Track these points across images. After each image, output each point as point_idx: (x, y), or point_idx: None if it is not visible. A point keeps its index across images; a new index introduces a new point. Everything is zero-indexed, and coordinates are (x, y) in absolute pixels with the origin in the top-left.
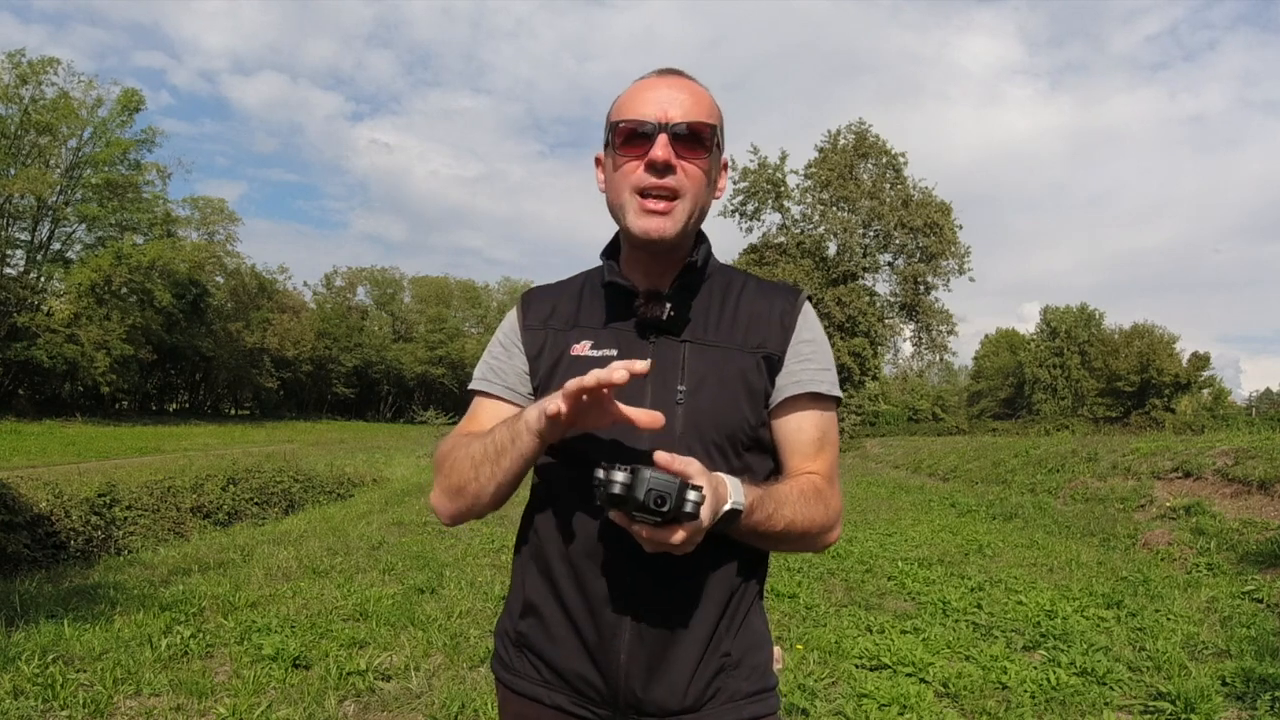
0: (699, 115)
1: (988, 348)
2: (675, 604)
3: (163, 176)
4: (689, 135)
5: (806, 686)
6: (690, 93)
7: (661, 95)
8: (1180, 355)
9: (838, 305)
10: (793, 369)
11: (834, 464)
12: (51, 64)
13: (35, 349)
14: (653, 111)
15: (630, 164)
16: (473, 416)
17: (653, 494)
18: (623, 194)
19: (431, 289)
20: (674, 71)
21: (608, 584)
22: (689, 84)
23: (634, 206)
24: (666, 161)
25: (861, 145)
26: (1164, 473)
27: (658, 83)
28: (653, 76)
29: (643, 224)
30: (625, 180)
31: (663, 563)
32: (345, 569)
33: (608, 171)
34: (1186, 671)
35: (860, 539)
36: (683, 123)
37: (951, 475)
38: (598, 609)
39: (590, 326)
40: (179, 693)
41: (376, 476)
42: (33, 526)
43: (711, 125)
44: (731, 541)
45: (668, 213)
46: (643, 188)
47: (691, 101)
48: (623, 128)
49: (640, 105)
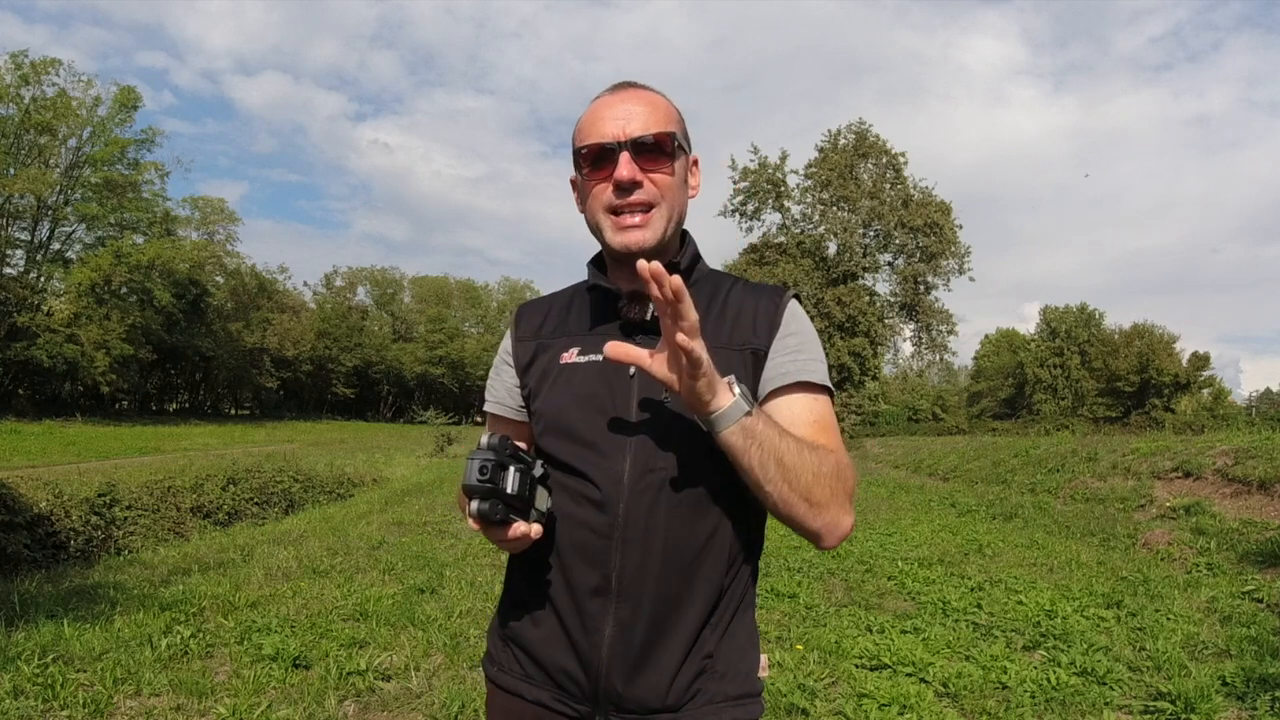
0: (657, 125)
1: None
2: (661, 602)
3: (162, 176)
4: (651, 146)
5: (806, 686)
6: (646, 103)
7: (618, 112)
8: (1180, 355)
9: (838, 305)
10: (780, 361)
11: (842, 448)
12: (53, 65)
13: (35, 349)
14: (611, 130)
15: (599, 185)
16: None
17: (475, 464)
18: (597, 214)
19: (431, 289)
20: (628, 85)
21: (594, 578)
22: (644, 94)
23: (609, 225)
24: (632, 179)
25: (862, 145)
26: (1164, 473)
27: (612, 100)
28: (607, 95)
29: (621, 239)
30: (597, 202)
31: (651, 560)
32: (345, 569)
33: (581, 194)
34: (1186, 671)
35: (860, 539)
36: (643, 136)
37: (951, 475)
38: (583, 603)
39: (577, 333)
40: (179, 693)
41: (376, 476)
42: (33, 526)
43: (670, 133)
44: (721, 538)
45: (644, 224)
46: (614, 206)
47: (648, 112)
48: (586, 152)
49: (599, 125)
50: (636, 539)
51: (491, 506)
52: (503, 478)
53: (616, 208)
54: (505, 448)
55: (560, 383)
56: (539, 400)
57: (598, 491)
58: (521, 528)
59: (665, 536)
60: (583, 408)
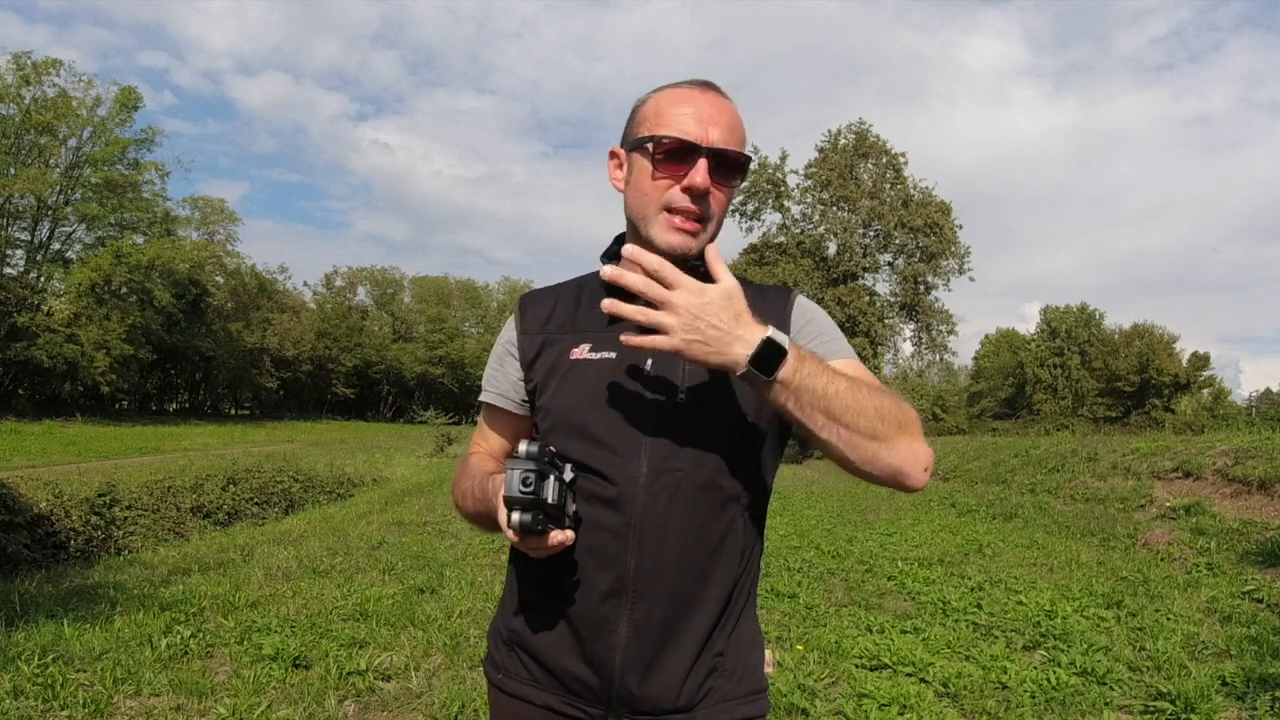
0: (737, 143)
1: (988, 348)
2: (676, 602)
3: (162, 176)
4: (730, 163)
5: (806, 686)
6: (730, 115)
7: (703, 112)
8: (1180, 355)
9: (838, 305)
10: None
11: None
12: (55, 65)
13: (35, 349)
14: (695, 130)
15: (664, 180)
16: (480, 425)
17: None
18: (649, 205)
19: (431, 289)
20: (713, 87)
21: (608, 579)
22: (728, 105)
23: (663, 221)
24: (706, 188)
25: (862, 145)
26: (1164, 473)
27: (699, 97)
28: (692, 90)
29: (670, 239)
30: (656, 192)
31: (665, 561)
32: (345, 569)
33: (634, 175)
34: (1186, 671)
35: (860, 539)
36: (727, 149)
37: (951, 475)
38: (594, 605)
39: (590, 329)
40: (179, 693)
41: (376, 476)
42: (33, 526)
43: (748, 156)
44: (734, 538)
45: (695, 233)
46: (675, 207)
47: (731, 125)
48: (666, 143)
49: (682, 120)
50: (652, 539)
51: (534, 518)
52: (544, 488)
53: (676, 208)
54: (544, 455)
55: (571, 380)
56: (546, 396)
57: (612, 491)
58: (559, 536)
59: (681, 536)
60: (596, 406)
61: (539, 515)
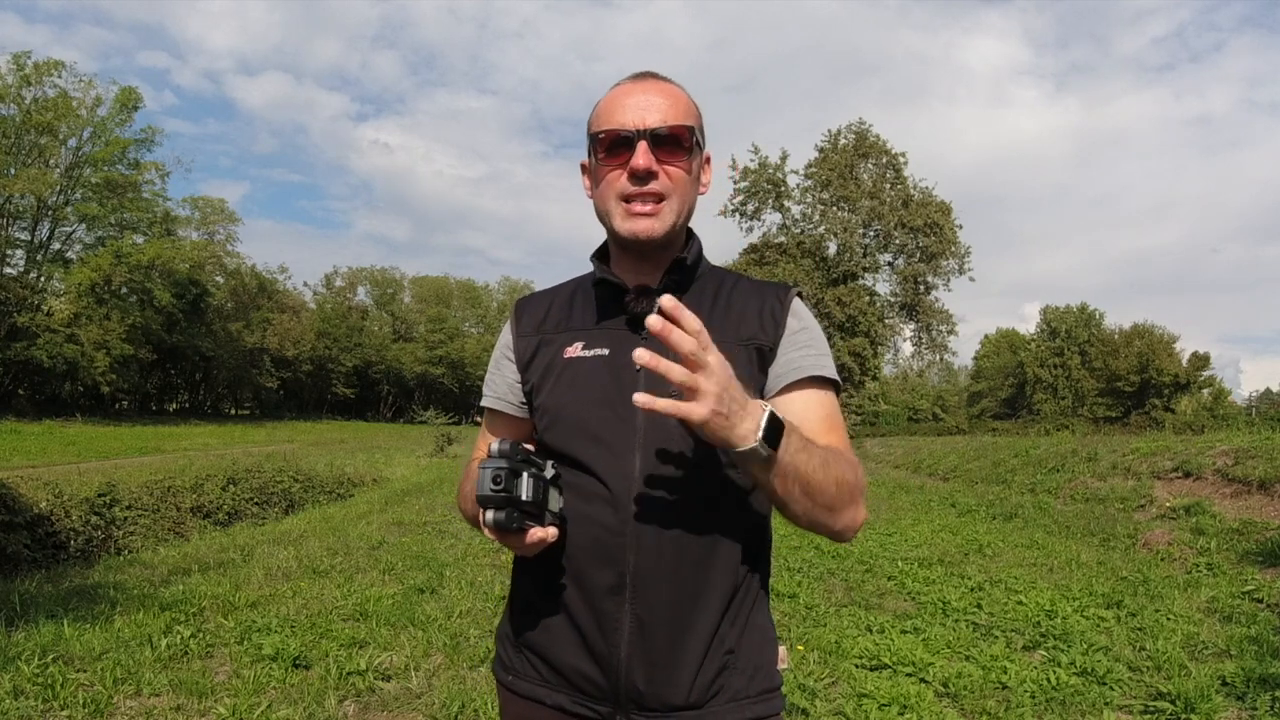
0: (676, 118)
1: (988, 348)
2: (678, 597)
3: (162, 175)
4: (669, 139)
5: (806, 686)
6: (667, 95)
7: (639, 101)
8: (1180, 355)
9: (838, 305)
10: (791, 357)
11: (848, 444)
12: (56, 66)
13: (35, 349)
14: (631, 119)
15: (614, 172)
16: (482, 429)
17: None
18: (608, 201)
19: (431, 289)
20: (649, 75)
21: (609, 577)
22: (665, 86)
23: (620, 212)
24: (648, 169)
25: (862, 145)
26: (1164, 473)
27: (633, 88)
28: (628, 82)
29: (629, 226)
30: (610, 188)
31: (665, 555)
32: (345, 569)
33: (593, 180)
34: (1186, 671)
35: (860, 539)
36: (661, 127)
37: (951, 475)
38: (598, 602)
39: (582, 328)
40: (179, 693)
41: (376, 476)
42: (33, 526)
43: (689, 127)
44: (733, 530)
45: (655, 214)
46: (627, 194)
47: (668, 105)
48: (603, 138)
49: (618, 113)
50: (650, 535)
51: (508, 516)
52: (517, 485)
53: (629, 195)
54: (516, 453)
55: (565, 378)
56: (542, 396)
57: (607, 489)
58: (538, 533)
59: (679, 531)
60: (589, 403)
61: (514, 513)
